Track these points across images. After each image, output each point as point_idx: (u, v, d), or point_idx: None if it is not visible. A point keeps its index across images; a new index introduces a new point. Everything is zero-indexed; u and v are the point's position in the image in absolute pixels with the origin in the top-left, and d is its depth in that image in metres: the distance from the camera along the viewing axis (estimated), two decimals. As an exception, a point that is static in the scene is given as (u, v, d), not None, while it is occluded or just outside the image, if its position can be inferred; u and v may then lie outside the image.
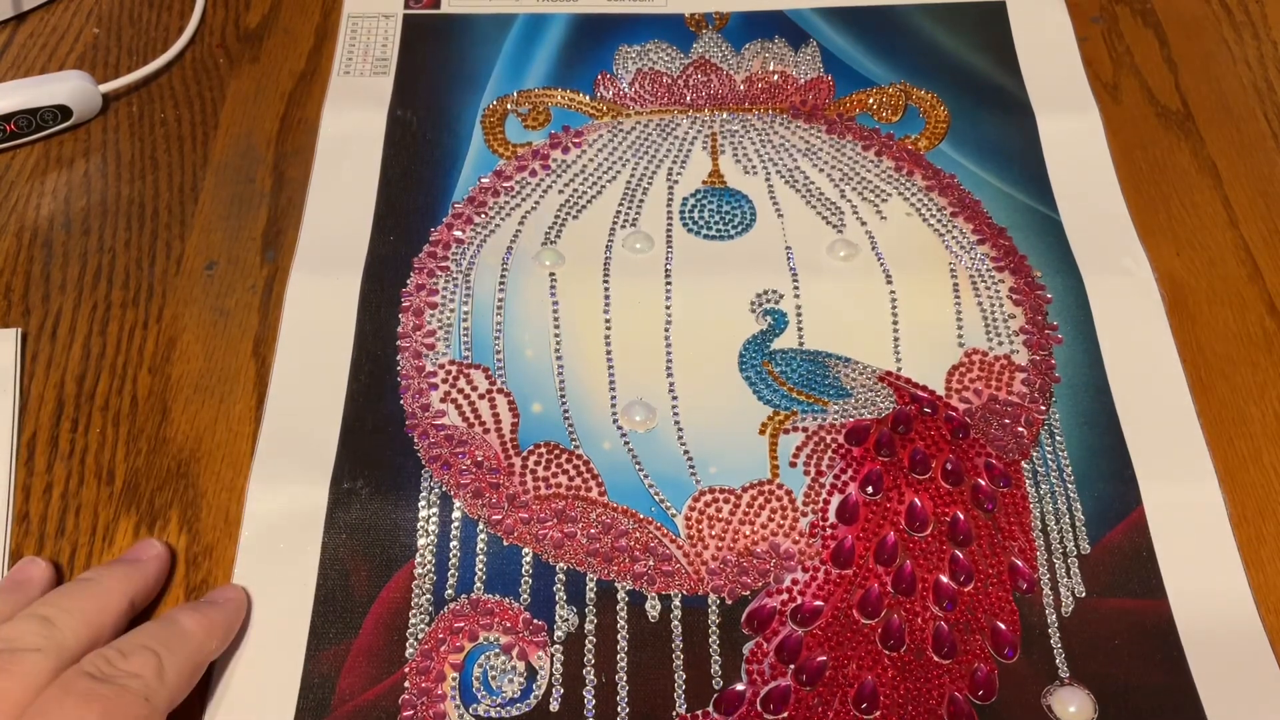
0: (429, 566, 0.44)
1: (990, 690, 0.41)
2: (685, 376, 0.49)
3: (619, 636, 0.42)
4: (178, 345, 0.50)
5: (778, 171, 0.56)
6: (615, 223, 0.54)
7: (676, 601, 0.43)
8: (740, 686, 0.41)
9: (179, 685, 0.38)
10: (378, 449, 0.47)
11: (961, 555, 0.44)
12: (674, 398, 0.48)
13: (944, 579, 0.43)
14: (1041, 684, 0.41)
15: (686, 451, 0.47)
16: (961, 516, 0.45)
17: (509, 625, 0.42)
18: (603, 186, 0.56)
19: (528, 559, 0.44)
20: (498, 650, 0.42)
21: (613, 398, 0.48)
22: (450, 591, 0.43)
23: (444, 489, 0.46)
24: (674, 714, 0.41)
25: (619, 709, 0.41)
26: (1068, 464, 0.46)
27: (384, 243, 0.53)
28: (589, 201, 0.55)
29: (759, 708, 0.41)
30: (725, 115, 0.59)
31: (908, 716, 0.40)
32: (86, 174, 0.56)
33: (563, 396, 0.48)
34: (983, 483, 0.46)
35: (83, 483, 0.46)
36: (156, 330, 0.51)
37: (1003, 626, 0.42)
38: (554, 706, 0.41)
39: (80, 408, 0.48)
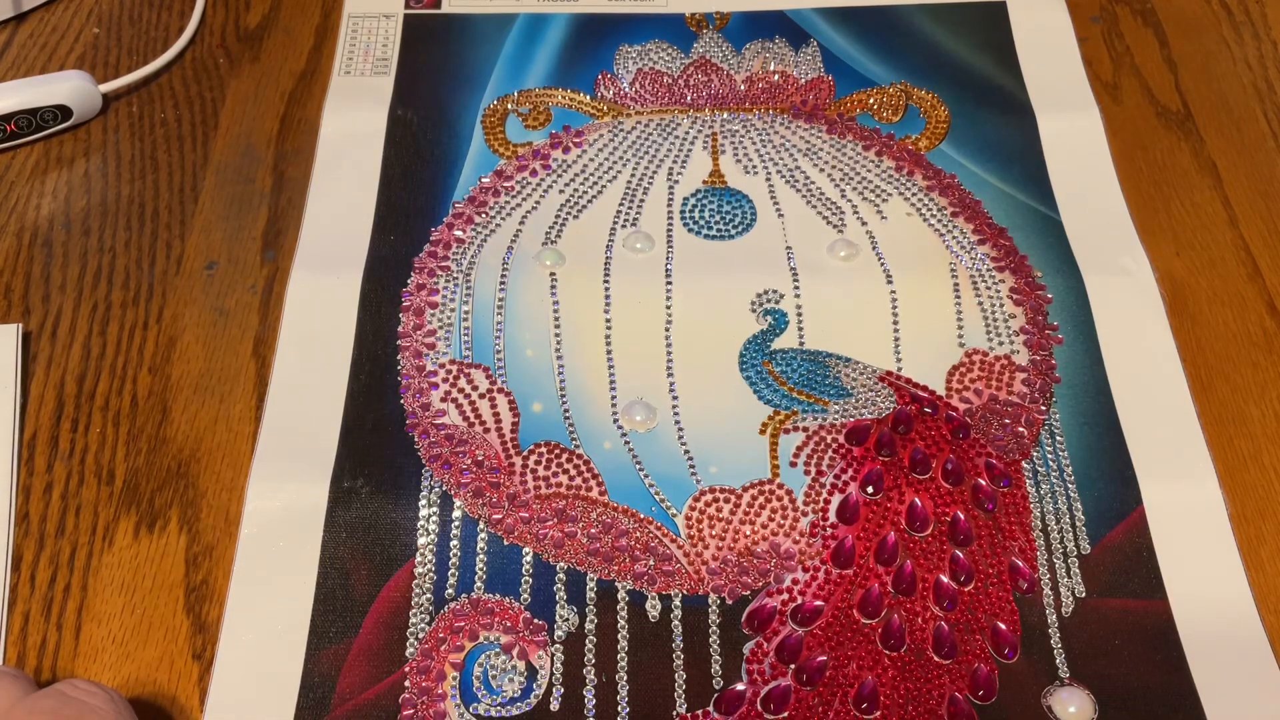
0: (429, 566, 0.44)
1: (990, 690, 0.41)
2: (685, 376, 0.49)
3: (619, 636, 0.42)
4: (178, 345, 0.50)
5: (778, 171, 0.56)
6: (616, 222, 0.54)
7: (677, 601, 0.43)
8: (740, 686, 0.41)
9: None
10: (378, 448, 0.47)
11: (962, 555, 0.44)
12: (674, 397, 0.48)
13: (944, 579, 0.43)
14: (1041, 684, 0.41)
15: (687, 451, 0.47)
16: (962, 516, 0.45)
17: (509, 625, 0.42)
18: (603, 186, 0.56)
19: (528, 558, 0.44)
20: (498, 650, 0.42)
21: (613, 397, 0.48)
22: (450, 591, 0.43)
23: (444, 488, 0.46)
24: (674, 714, 0.41)
25: (619, 709, 0.41)
26: (1068, 464, 0.46)
27: (384, 242, 0.53)
28: (589, 201, 0.55)
29: (759, 707, 0.41)
30: (726, 115, 0.59)
31: (908, 716, 0.40)
32: (86, 174, 0.56)
33: (563, 396, 0.48)
34: (983, 482, 0.46)
35: (83, 483, 0.46)
36: (156, 330, 0.51)
37: (1003, 626, 0.42)
38: (554, 706, 0.41)
39: (80, 408, 0.48)
